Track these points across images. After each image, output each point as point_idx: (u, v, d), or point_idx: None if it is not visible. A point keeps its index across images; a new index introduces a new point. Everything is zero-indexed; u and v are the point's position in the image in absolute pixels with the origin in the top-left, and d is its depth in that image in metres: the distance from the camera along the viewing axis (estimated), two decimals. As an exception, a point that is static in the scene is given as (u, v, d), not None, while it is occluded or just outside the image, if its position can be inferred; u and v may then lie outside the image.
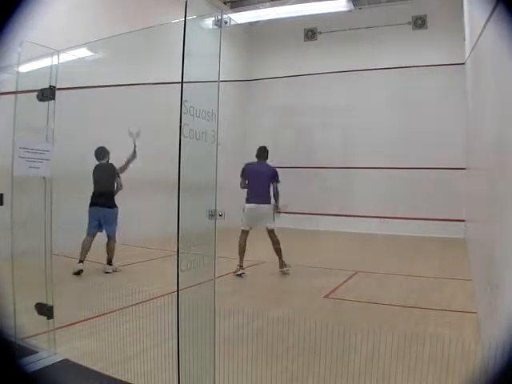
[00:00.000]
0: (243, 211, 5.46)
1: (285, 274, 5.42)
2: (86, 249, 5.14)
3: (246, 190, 5.64)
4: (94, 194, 5.36)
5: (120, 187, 5.48)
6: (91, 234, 5.26)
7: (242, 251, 5.40)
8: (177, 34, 1.89)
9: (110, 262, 5.35)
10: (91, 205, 5.31)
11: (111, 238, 5.35)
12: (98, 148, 5.48)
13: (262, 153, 5.71)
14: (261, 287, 5.06)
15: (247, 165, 5.77)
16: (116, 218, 5.39)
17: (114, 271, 5.30)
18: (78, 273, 4.96)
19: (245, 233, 5.48)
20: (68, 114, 3.65)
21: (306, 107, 10.40)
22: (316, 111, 10.35)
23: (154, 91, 7.29)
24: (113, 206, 5.39)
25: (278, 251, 5.47)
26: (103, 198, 5.31)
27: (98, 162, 5.47)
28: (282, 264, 5.48)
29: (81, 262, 5.05)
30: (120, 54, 5.03)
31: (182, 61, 1.84)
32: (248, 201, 5.51)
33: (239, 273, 5.27)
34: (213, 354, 2.05)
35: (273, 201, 5.61)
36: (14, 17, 1.27)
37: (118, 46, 3.11)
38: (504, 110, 2.35)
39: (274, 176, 5.59)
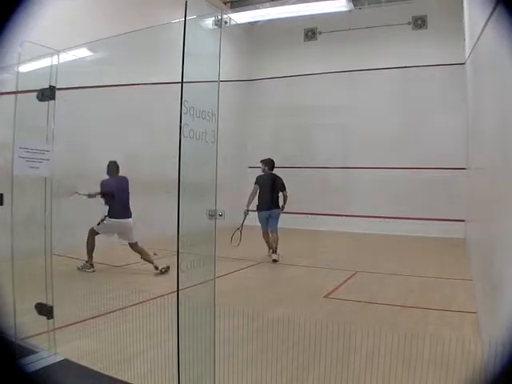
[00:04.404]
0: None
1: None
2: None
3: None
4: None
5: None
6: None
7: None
8: (177, 34, 1.89)
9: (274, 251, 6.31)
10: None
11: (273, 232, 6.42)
12: None
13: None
14: (260, 287, 5.06)
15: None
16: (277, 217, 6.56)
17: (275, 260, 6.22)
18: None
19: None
20: (68, 113, 3.65)
21: (306, 107, 10.39)
22: (316, 111, 10.34)
23: (154, 91, 7.29)
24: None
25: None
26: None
27: None
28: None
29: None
30: (120, 54, 5.03)
31: (182, 61, 1.84)
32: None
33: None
34: (213, 354, 2.05)
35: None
36: (14, 17, 1.27)
37: (118, 45, 3.11)
38: (504, 111, 2.35)
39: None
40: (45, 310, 2.78)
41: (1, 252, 2.60)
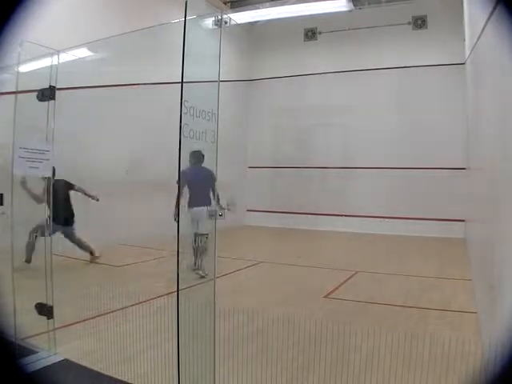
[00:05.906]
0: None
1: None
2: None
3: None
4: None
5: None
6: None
7: None
8: (177, 33, 1.89)
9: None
10: None
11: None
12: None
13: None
14: (260, 287, 5.06)
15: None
16: None
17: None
18: None
19: None
20: (68, 113, 3.65)
21: (306, 107, 10.38)
22: (316, 111, 10.34)
23: (154, 91, 7.29)
24: None
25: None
26: None
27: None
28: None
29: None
30: (120, 54, 5.03)
31: (182, 61, 1.84)
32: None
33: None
34: (213, 354, 2.05)
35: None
36: (14, 17, 1.27)
37: (118, 45, 3.11)
38: (504, 111, 2.35)
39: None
40: (45, 310, 2.78)
41: (1, 252, 2.60)
